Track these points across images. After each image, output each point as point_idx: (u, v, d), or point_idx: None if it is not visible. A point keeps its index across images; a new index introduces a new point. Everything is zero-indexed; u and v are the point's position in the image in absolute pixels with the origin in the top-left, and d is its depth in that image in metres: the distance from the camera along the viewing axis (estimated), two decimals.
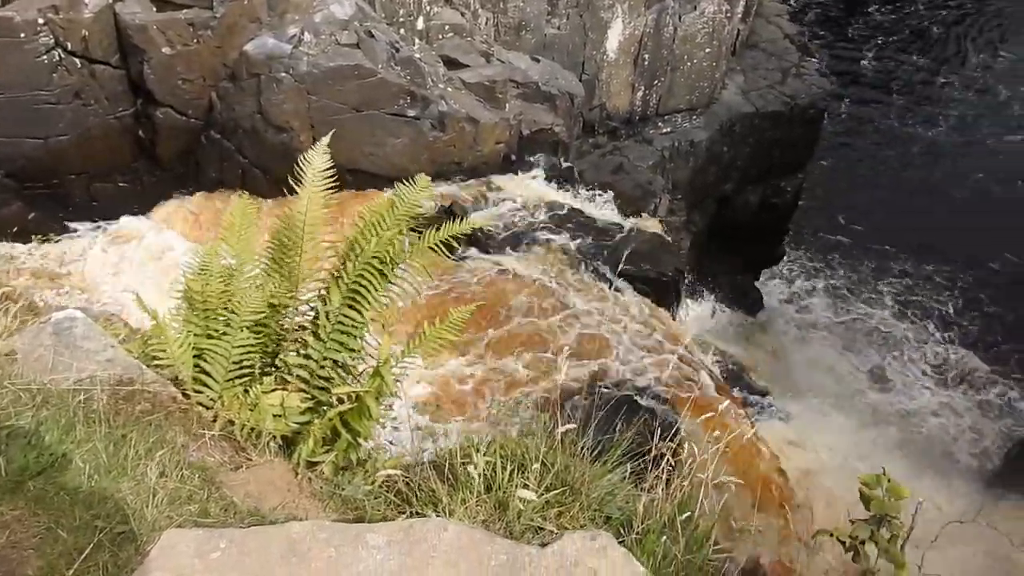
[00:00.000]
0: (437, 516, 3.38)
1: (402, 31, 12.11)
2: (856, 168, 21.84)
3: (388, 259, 3.58)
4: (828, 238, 19.72)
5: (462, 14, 12.83)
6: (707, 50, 13.97)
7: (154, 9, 10.73)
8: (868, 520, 2.94)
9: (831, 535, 2.99)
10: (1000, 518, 9.53)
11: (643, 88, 14.12)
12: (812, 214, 19.93)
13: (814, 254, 19.24)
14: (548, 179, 12.64)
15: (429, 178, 3.75)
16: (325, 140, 4.05)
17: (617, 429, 4.23)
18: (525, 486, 3.78)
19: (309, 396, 3.80)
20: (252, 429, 3.62)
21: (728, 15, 13.76)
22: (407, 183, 3.74)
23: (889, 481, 2.93)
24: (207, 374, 3.73)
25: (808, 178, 17.27)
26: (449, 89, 12.03)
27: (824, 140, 17.82)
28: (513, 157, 12.48)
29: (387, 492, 3.78)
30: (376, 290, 3.63)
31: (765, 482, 9.08)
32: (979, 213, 20.69)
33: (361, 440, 3.73)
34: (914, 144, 22.57)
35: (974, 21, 27.70)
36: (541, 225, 11.50)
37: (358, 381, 3.91)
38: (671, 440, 4.29)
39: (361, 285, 3.64)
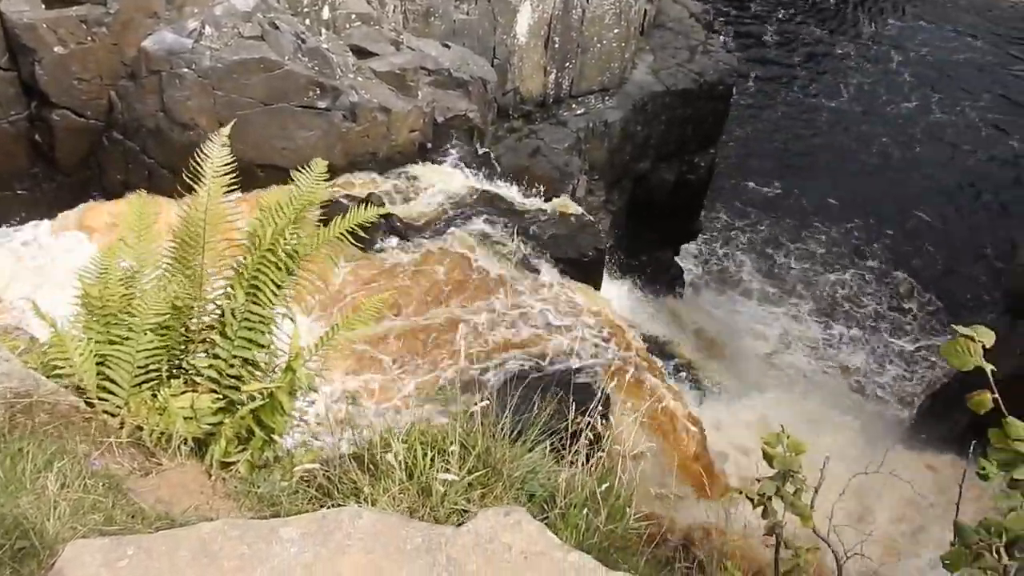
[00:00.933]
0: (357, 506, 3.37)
1: (307, 21, 11.89)
2: (766, 139, 22.53)
3: (288, 250, 3.53)
4: (744, 209, 20.28)
5: (369, 2, 12.67)
6: (615, 31, 14.11)
7: (43, 6, 10.29)
8: (773, 477, 3.04)
9: (740, 493, 3.08)
10: (911, 467, 9.99)
11: (555, 71, 14.19)
12: (727, 187, 20.49)
13: (731, 226, 19.74)
14: (465, 166, 12.60)
15: (326, 163, 3.69)
16: (225, 131, 3.96)
17: (536, 407, 4.27)
18: (447, 470, 3.80)
19: (220, 396, 3.73)
20: (162, 434, 3.54)
21: None
22: (304, 170, 3.68)
23: (788, 438, 3.04)
24: (112, 381, 3.63)
25: (720, 152, 17.69)
26: (359, 79, 11.87)
27: (734, 114, 18.29)
28: (429, 145, 12.40)
29: (307, 487, 3.75)
30: (276, 283, 3.58)
31: (688, 449, 9.32)
32: (884, 175, 21.67)
33: (276, 437, 3.69)
34: (819, 113, 23.45)
35: None
36: (460, 212, 11.48)
37: (270, 377, 3.86)
38: (592, 414, 4.36)
39: (260, 279, 3.58)
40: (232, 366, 3.75)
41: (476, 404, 4.18)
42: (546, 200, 12.47)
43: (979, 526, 2.51)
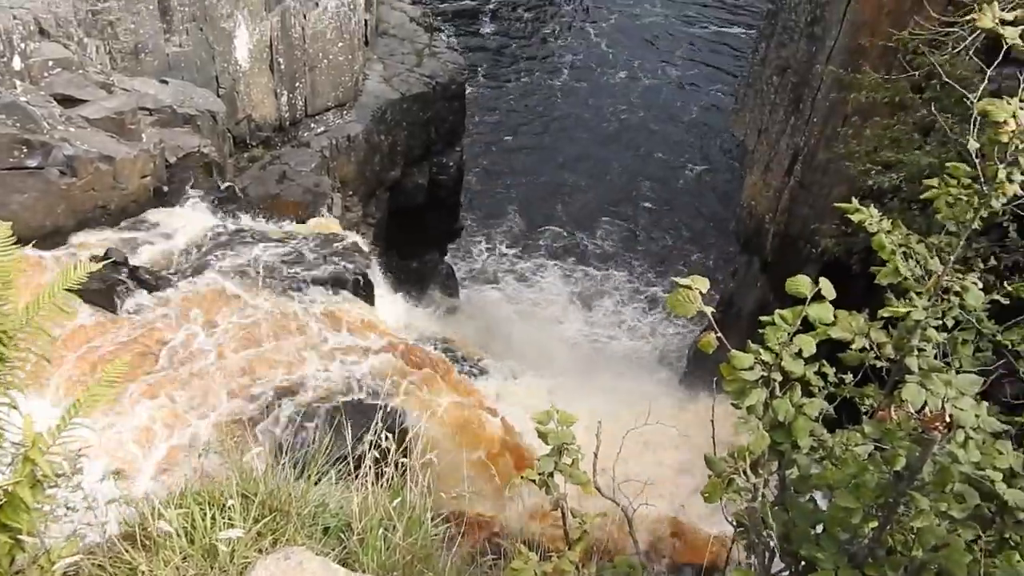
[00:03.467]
0: None
1: None
2: (508, 125, 23.51)
3: None
4: (502, 195, 21.00)
5: (66, 46, 11.66)
6: (340, 44, 13.99)
7: None
8: (550, 453, 3.14)
9: (522, 478, 3.16)
10: (687, 412, 10.78)
11: (286, 92, 13.85)
12: (481, 179, 21.11)
13: (491, 218, 20.33)
14: (210, 203, 12.01)
15: (8, 224, 3.34)
16: None
17: (316, 438, 4.16)
18: (230, 525, 3.61)
19: None
20: None
21: (351, 7, 13.86)
22: None
23: (559, 412, 3.16)
24: None
25: (467, 148, 18.13)
26: (72, 129, 10.93)
27: (471, 109, 18.83)
28: (165, 188, 11.69)
29: None
30: None
31: (492, 442, 9.49)
32: (623, 138, 23.42)
33: (24, 537, 3.30)
34: (550, 93, 24.94)
35: None
36: (212, 252, 10.92)
37: (6, 474, 3.45)
38: (374, 433, 4.29)
39: None
40: None
41: (252, 450, 4.01)
42: (300, 223, 12.17)
43: (728, 454, 2.74)
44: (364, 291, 11.42)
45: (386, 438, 4.22)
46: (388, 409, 4.96)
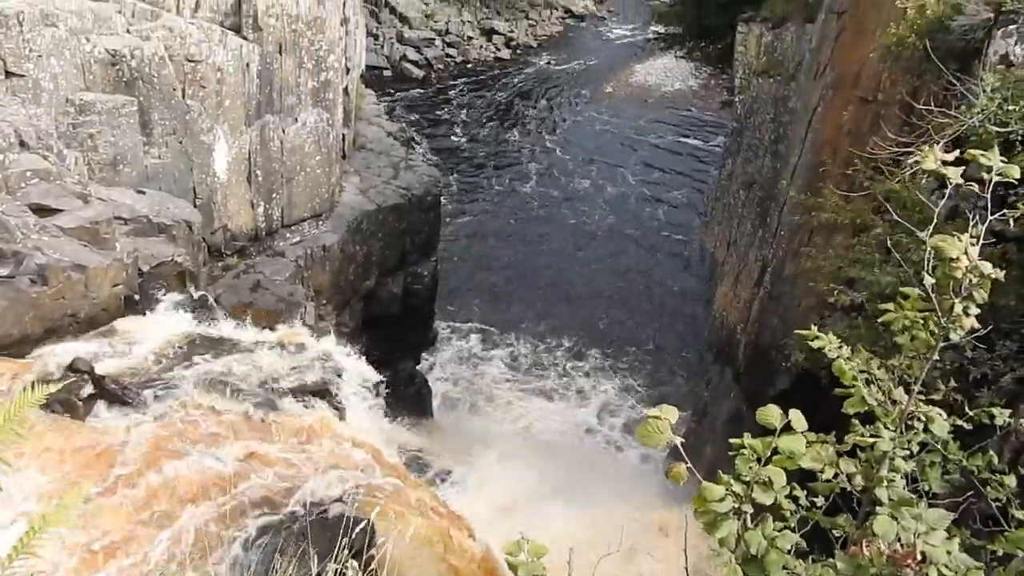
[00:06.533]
0: None
1: None
2: (481, 234, 23.94)
3: None
4: (471, 308, 21.09)
5: (45, 157, 11.80)
6: (317, 158, 14.29)
7: None
8: None
9: None
10: (669, 523, 10.56)
11: (263, 203, 14.03)
12: (456, 288, 21.27)
13: (462, 327, 20.37)
14: (182, 311, 11.95)
15: None
16: None
17: (279, 565, 4.01)
18: None
19: None
20: None
21: (329, 123, 14.23)
22: None
23: (528, 542, 3.09)
24: None
25: (442, 257, 18.33)
26: (45, 238, 10.94)
27: (447, 219, 19.17)
28: (136, 297, 11.64)
29: None
30: None
31: (468, 560, 9.21)
32: (590, 245, 23.92)
33: None
34: (524, 199, 25.75)
35: (528, 90, 32.84)
36: (183, 361, 10.79)
37: None
38: (339, 560, 4.17)
39: None
40: None
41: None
42: (272, 332, 12.11)
43: None
44: (336, 401, 11.28)
45: (354, 565, 4.10)
46: (357, 529, 4.80)
